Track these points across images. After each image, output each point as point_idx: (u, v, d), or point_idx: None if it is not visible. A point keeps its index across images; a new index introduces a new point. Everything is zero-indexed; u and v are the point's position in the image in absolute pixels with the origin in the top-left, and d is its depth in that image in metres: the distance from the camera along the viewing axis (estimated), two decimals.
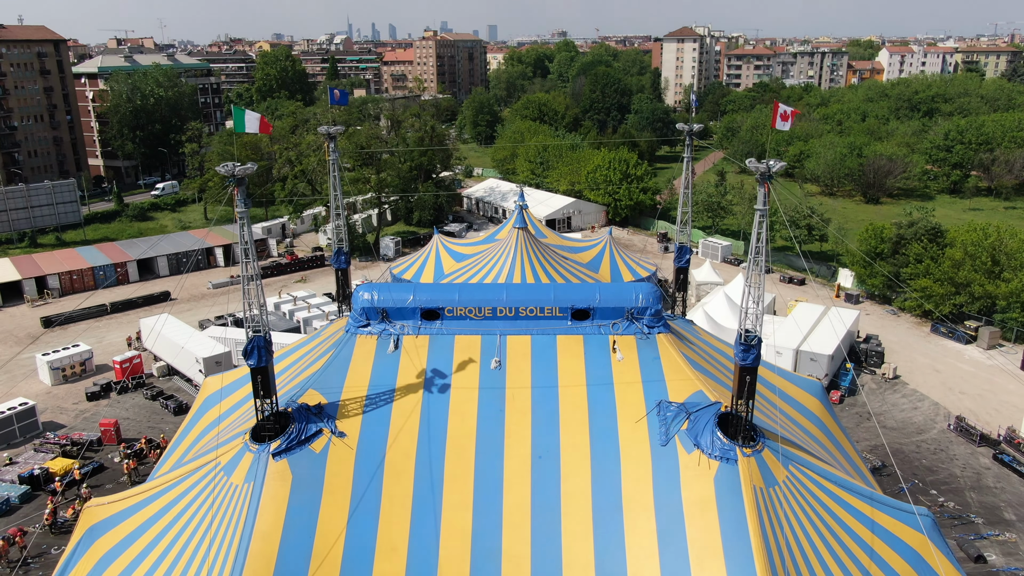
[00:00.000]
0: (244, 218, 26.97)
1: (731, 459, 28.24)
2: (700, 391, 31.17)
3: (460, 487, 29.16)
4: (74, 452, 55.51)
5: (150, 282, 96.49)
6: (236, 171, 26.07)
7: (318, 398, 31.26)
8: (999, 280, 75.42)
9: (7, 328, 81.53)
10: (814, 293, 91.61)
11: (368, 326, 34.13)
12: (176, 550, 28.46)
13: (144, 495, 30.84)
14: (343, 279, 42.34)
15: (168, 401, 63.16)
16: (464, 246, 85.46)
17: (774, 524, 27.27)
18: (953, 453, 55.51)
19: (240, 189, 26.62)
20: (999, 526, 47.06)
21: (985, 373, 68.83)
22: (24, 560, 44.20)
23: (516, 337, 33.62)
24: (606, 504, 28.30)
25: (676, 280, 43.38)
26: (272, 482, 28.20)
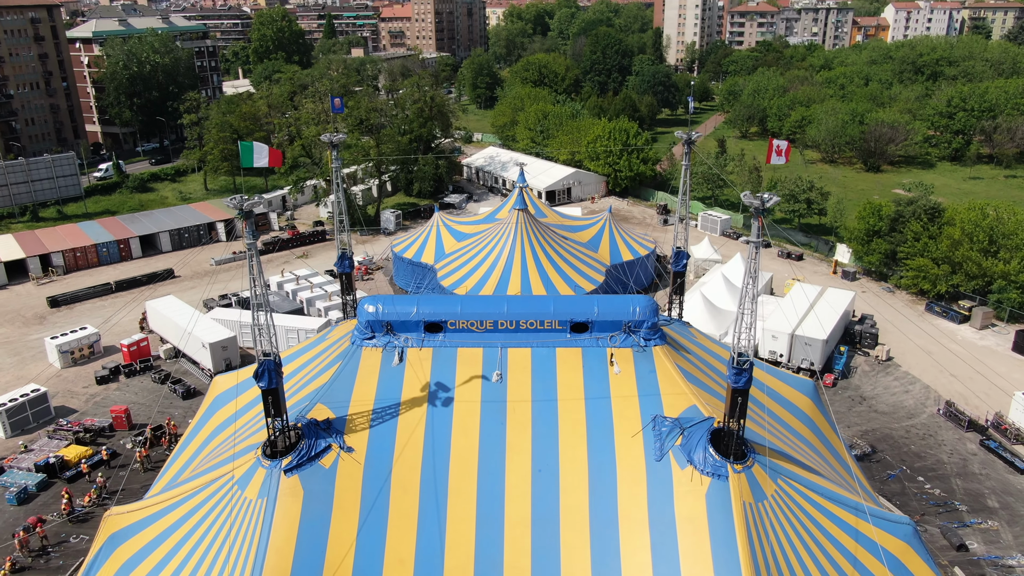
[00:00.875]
0: (253, 250, 27.75)
1: (722, 476, 29.57)
2: (694, 406, 32.37)
3: (464, 500, 30.57)
4: (87, 439, 57.03)
5: (153, 258, 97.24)
6: (244, 205, 26.76)
7: (326, 413, 32.47)
8: (995, 259, 76.24)
9: (14, 308, 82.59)
10: (811, 269, 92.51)
11: (373, 338, 35.19)
12: (195, 561, 29.99)
13: (162, 505, 32.27)
14: (347, 283, 43.17)
15: (176, 386, 64.53)
16: (465, 224, 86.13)
17: (762, 538, 28.72)
18: (941, 439, 57.09)
19: (248, 222, 27.35)
20: (982, 514, 48.80)
21: (976, 355, 70.08)
22: (44, 549, 45.96)
23: (517, 350, 34.72)
24: (603, 518, 29.74)
25: (673, 284, 44.28)
26: (284, 498, 29.58)
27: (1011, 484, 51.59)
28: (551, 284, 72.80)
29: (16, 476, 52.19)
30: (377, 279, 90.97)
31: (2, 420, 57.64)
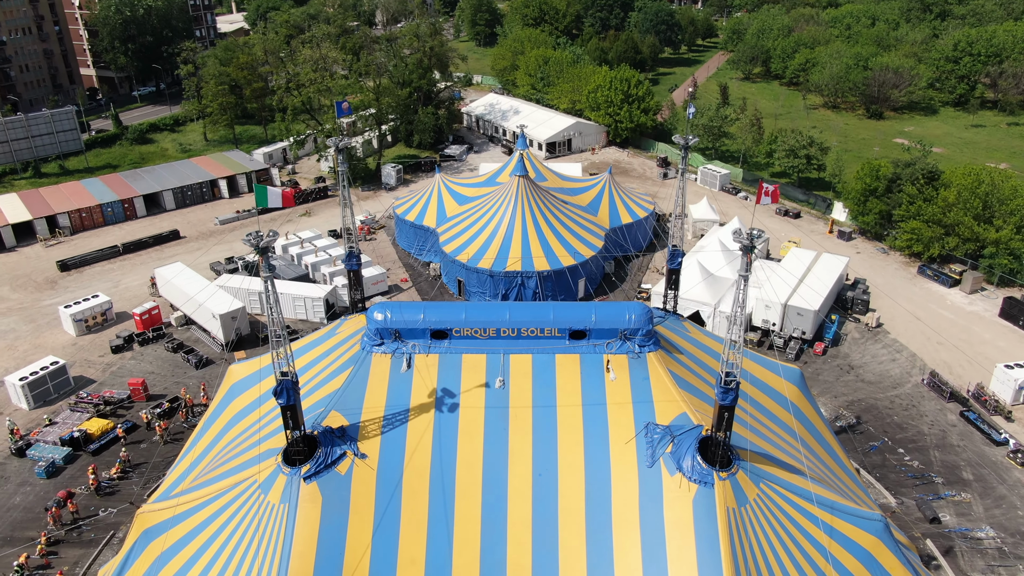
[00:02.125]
0: (270, 281, 29.32)
1: (708, 483, 32.00)
2: (684, 413, 34.57)
3: (470, 503, 33.11)
4: (107, 412, 59.68)
5: (157, 217, 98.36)
6: (261, 243, 28.23)
7: (340, 420, 34.70)
8: (988, 225, 77.52)
9: (25, 272, 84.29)
10: (808, 228, 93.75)
11: (382, 344, 37.11)
12: (224, 558, 32.74)
13: (191, 504, 34.86)
14: (355, 279, 44.78)
15: (189, 356, 66.84)
16: (466, 187, 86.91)
17: (743, 540, 31.35)
18: (923, 409, 59.73)
19: (264, 258, 28.84)
20: (957, 486, 51.77)
21: (964, 321, 72.25)
22: (76, 523, 49.08)
23: (518, 356, 36.71)
24: (598, 521, 32.33)
25: (668, 280, 45.86)
26: (304, 504, 32.07)
27: (986, 456, 54.42)
28: (551, 251, 74.30)
29: (43, 450, 55.01)
30: (380, 239, 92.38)
31: (25, 393, 60.06)
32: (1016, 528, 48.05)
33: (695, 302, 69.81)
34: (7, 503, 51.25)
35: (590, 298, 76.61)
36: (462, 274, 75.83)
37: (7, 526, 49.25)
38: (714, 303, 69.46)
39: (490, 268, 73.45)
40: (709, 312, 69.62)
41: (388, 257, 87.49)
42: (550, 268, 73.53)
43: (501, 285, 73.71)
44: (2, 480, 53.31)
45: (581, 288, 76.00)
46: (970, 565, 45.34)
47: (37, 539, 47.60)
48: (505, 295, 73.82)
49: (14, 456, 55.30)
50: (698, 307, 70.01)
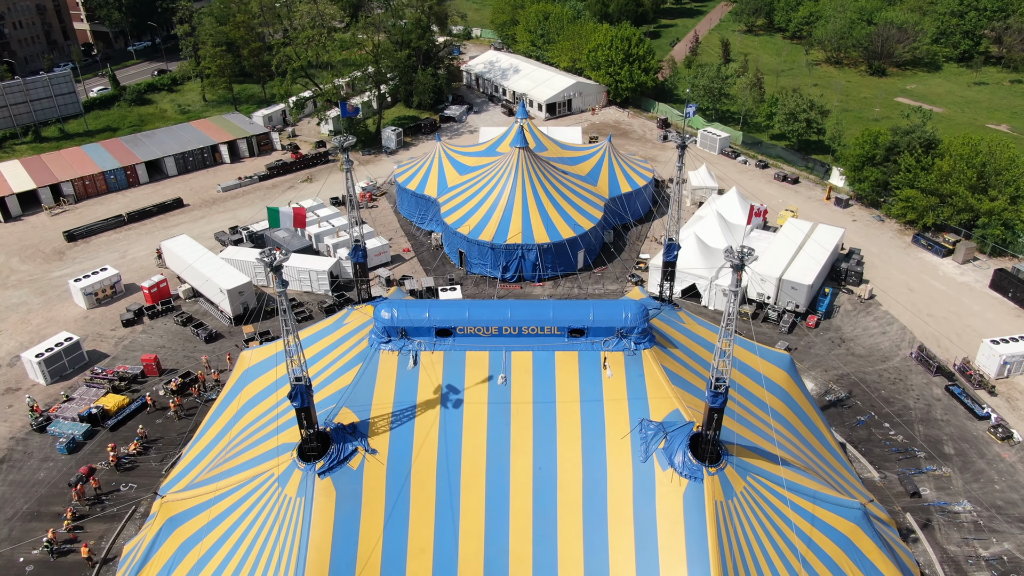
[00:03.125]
0: (283, 296, 30.79)
1: (698, 478, 34.12)
2: (677, 410, 36.49)
3: (474, 495, 35.30)
4: (122, 387, 61.80)
5: (160, 183, 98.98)
6: (275, 261, 29.61)
7: (351, 417, 36.64)
8: (983, 195, 78.45)
9: (32, 242, 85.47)
10: (806, 195, 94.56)
11: (390, 342, 38.80)
12: (245, 546, 35.09)
13: (213, 495, 37.09)
14: (362, 272, 46.19)
15: (199, 329, 68.62)
16: (466, 156, 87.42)
17: (729, 530, 33.62)
18: (911, 383, 61.81)
19: (278, 275, 30.24)
20: (938, 460, 54.16)
21: (955, 292, 73.86)
22: (99, 498, 51.60)
23: (519, 353, 38.44)
24: (594, 512, 34.56)
25: (664, 272, 47.24)
26: (320, 497, 34.25)
27: (968, 431, 56.71)
28: (551, 224, 75.46)
29: (63, 426, 57.26)
30: (381, 207, 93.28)
31: (42, 369, 62.05)
32: (992, 502, 50.56)
33: (692, 275, 71.36)
34: (32, 479, 53.66)
35: (589, 269, 78.05)
36: (463, 246, 77.13)
37: (34, 501, 51.72)
38: (711, 276, 70.91)
39: (491, 241, 74.72)
40: (705, 285, 71.20)
41: (390, 226, 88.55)
42: (550, 241, 74.83)
43: (502, 257, 75.11)
44: (25, 456, 55.64)
45: (580, 259, 77.42)
46: (946, 538, 47.96)
47: (63, 514, 50.13)
48: (506, 267, 75.28)
49: (35, 432, 57.49)
50: (694, 280, 71.62)
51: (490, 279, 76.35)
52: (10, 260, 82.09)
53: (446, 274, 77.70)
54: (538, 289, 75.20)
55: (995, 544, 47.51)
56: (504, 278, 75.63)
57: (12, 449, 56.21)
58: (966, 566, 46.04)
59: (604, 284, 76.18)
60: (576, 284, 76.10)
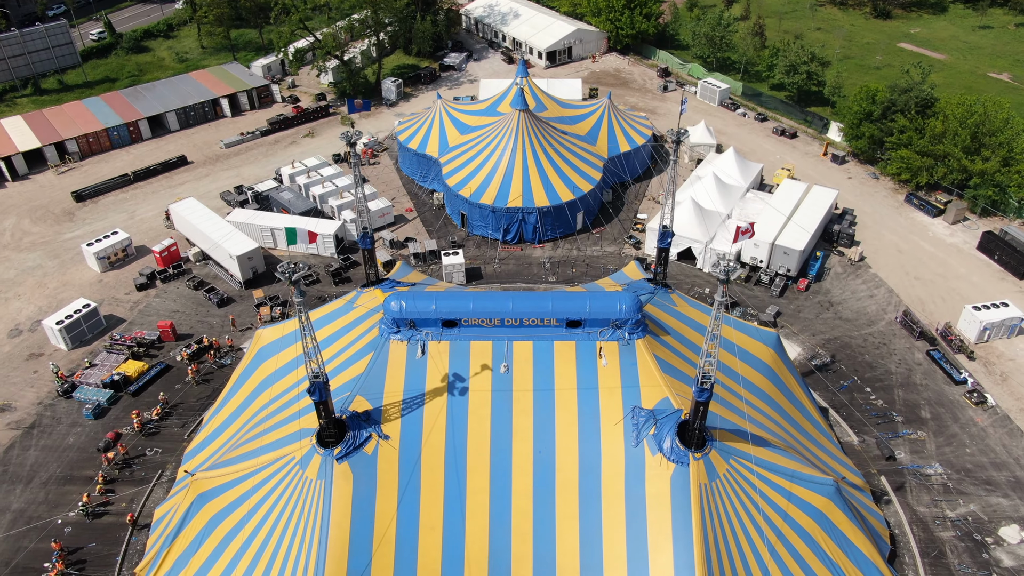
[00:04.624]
0: (302, 308, 33.12)
1: (684, 463, 37.24)
2: (667, 398, 39.35)
3: (479, 476, 38.52)
4: (141, 353, 64.70)
5: (163, 139, 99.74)
6: (293, 276, 31.83)
7: (365, 404, 39.54)
8: (976, 156, 79.67)
9: (41, 203, 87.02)
10: (803, 150, 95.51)
11: (399, 332, 41.37)
12: (271, 522, 38.53)
13: (239, 474, 40.35)
14: (369, 257, 48.28)
15: (210, 294, 71.07)
16: (467, 115, 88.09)
17: (713, 511, 36.96)
18: (893, 348, 64.68)
19: (297, 287, 32.50)
20: (914, 424, 57.50)
21: (943, 254, 76.02)
22: (127, 462, 55.16)
23: (520, 343, 41.06)
24: (589, 493, 37.84)
25: (659, 258, 49.29)
26: (338, 480, 37.46)
27: (945, 395, 59.88)
28: (551, 187, 77.01)
29: (88, 392, 60.40)
30: (383, 163, 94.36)
31: (63, 335, 64.85)
32: (962, 465, 54.12)
33: (687, 239, 73.39)
34: (62, 443, 57.12)
35: (587, 230, 79.95)
36: (465, 208, 78.88)
37: (66, 465, 55.29)
38: (706, 240, 73.00)
39: (492, 204, 76.45)
40: (701, 248, 73.31)
41: (392, 184, 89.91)
42: (550, 204, 76.56)
43: (503, 220, 77.00)
44: (54, 421, 58.97)
45: (579, 221, 79.29)
46: (916, 500, 51.67)
47: (94, 478, 53.78)
48: (507, 229, 77.25)
49: (61, 398, 60.66)
50: (690, 243, 73.69)
51: (491, 241, 78.39)
52: (22, 222, 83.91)
53: (448, 235, 79.64)
54: (538, 251, 77.36)
55: (962, 506, 51.21)
56: (505, 240, 77.68)
57: (41, 415, 59.45)
58: (933, 526, 49.83)
59: (602, 246, 78.28)
60: (575, 246, 78.19)
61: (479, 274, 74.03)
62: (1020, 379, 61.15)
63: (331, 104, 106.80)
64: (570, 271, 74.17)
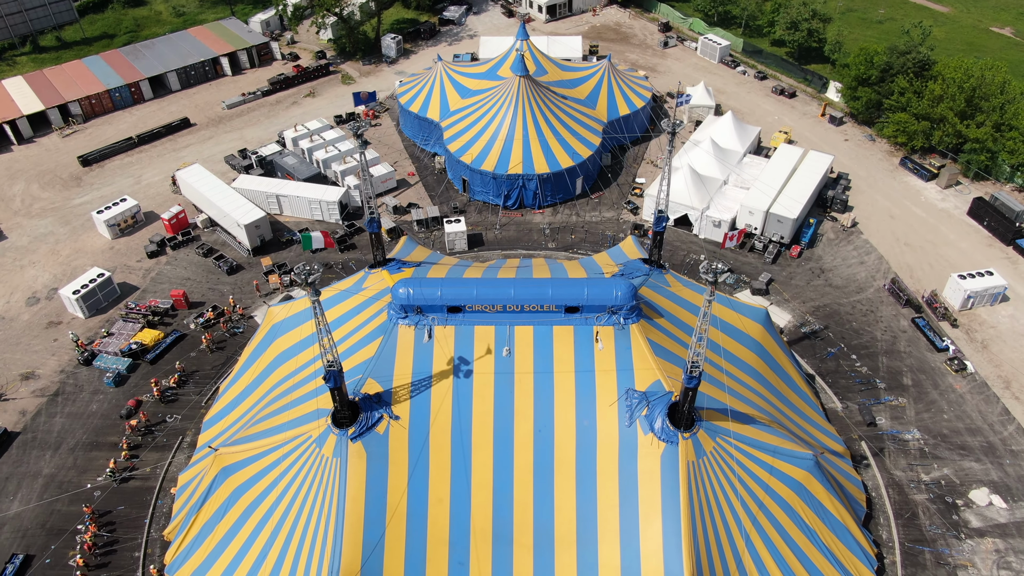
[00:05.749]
0: (317, 304, 35.36)
1: (674, 442, 40.12)
2: (658, 380, 41.98)
3: (483, 453, 41.45)
4: (156, 322, 67.20)
5: (164, 100, 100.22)
6: (310, 279, 33.99)
7: (376, 387, 42.21)
8: (971, 121, 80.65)
9: (48, 167, 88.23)
10: (802, 110, 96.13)
11: (407, 317, 43.76)
12: (290, 494, 41.66)
13: (260, 450, 43.30)
14: (377, 241, 50.26)
15: (219, 261, 73.14)
16: (468, 77, 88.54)
17: (700, 486, 40.01)
18: (880, 315, 67.13)
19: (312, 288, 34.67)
20: (896, 391, 60.39)
21: (934, 220, 77.82)
22: (149, 429, 58.27)
23: (521, 327, 43.47)
24: (585, 469, 40.83)
25: (654, 241, 51.17)
26: (353, 458, 40.39)
27: (927, 362, 62.63)
28: (551, 153, 78.29)
29: (108, 361, 63.16)
30: (385, 125, 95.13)
31: (80, 304, 67.25)
32: (939, 431, 57.22)
33: (684, 205, 75.10)
34: (86, 411, 60.11)
35: (586, 195, 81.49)
36: (467, 174, 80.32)
37: (91, 432, 58.38)
38: (702, 207, 74.72)
39: (493, 171, 77.87)
40: (697, 216, 75.08)
41: (394, 147, 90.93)
42: (549, 171, 77.97)
43: (504, 186, 78.54)
44: (77, 389, 61.86)
45: (579, 186, 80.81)
46: (894, 464, 54.93)
47: (118, 444, 56.95)
48: (508, 195, 78.87)
49: (83, 366, 63.42)
50: (686, 211, 75.43)
51: (492, 207, 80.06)
52: (30, 187, 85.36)
53: (450, 201, 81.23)
54: (538, 217, 79.12)
55: (936, 470, 54.48)
56: (506, 206, 79.37)
57: (64, 383, 62.30)
58: (908, 489, 53.19)
59: (601, 211, 80.00)
60: (574, 211, 79.92)
61: (480, 240, 75.98)
62: (1000, 347, 63.82)
63: (331, 62, 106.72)
64: (569, 237, 76.07)
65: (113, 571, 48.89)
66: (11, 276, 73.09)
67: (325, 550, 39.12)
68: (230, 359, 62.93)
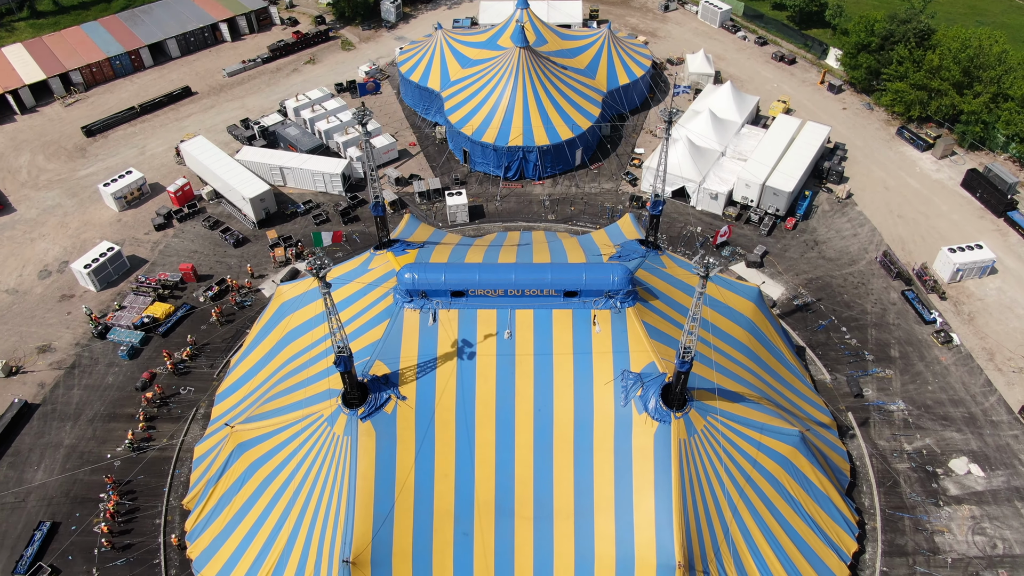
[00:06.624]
0: (328, 298, 37.11)
1: (666, 421, 42.35)
2: (653, 362, 44.01)
3: (486, 431, 43.74)
4: (166, 295, 69.00)
5: (164, 67, 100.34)
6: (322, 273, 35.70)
7: (384, 368, 44.26)
8: (967, 92, 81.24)
9: (52, 138, 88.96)
10: (801, 77, 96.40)
11: (412, 301, 45.60)
12: (304, 470, 44.07)
13: (274, 427, 45.58)
14: (381, 224, 51.72)
15: (226, 234, 74.61)
16: (468, 47, 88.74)
17: (690, 462, 42.37)
18: (871, 287, 68.91)
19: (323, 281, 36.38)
20: (883, 363, 62.55)
21: (928, 191, 79.03)
22: (164, 401, 60.59)
23: (522, 311, 45.33)
24: (583, 446, 43.15)
25: (650, 225, 52.58)
26: (363, 437, 42.67)
27: (914, 335, 64.67)
28: (551, 125, 79.14)
29: (122, 334, 65.18)
30: (386, 93, 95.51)
31: (91, 278, 68.99)
32: (923, 402, 59.54)
33: (681, 178, 76.25)
34: (102, 383, 62.33)
35: (585, 167, 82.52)
36: (467, 145, 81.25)
37: (108, 404, 60.66)
38: (699, 180, 75.89)
39: (493, 143, 78.80)
40: (694, 188, 76.29)
41: (395, 116, 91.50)
42: (549, 143, 78.89)
43: (504, 158, 79.57)
44: (92, 362, 63.99)
45: (578, 157, 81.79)
46: (878, 434, 57.37)
47: (135, 415, 59.31)
48: (508, 167, 79.95)
49: (97, 339, 65.45)
50: (684, 183, 76.60)
51: (493, 178, 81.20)
52: (36, 158, 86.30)
53: (451, 172, 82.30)
54: (538, 188, 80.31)
55: (918, 440, 56.95)
56: (506, 177, 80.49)
57: (79, 355, 64.39)
58: (891, 458, 55.72)
59: (600, 182, 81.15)
60: (574, 182, 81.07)
61: (482, 212, 77.34)
62: (985, 319, 65.80)
63: (330, 27, 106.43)
64: (569, 209, 77.40)
65: (136, 538, 51.64)
66: (22, 249, 74.64)
67: (338, 521, 41.65)
68: (240, 332, 64.96)
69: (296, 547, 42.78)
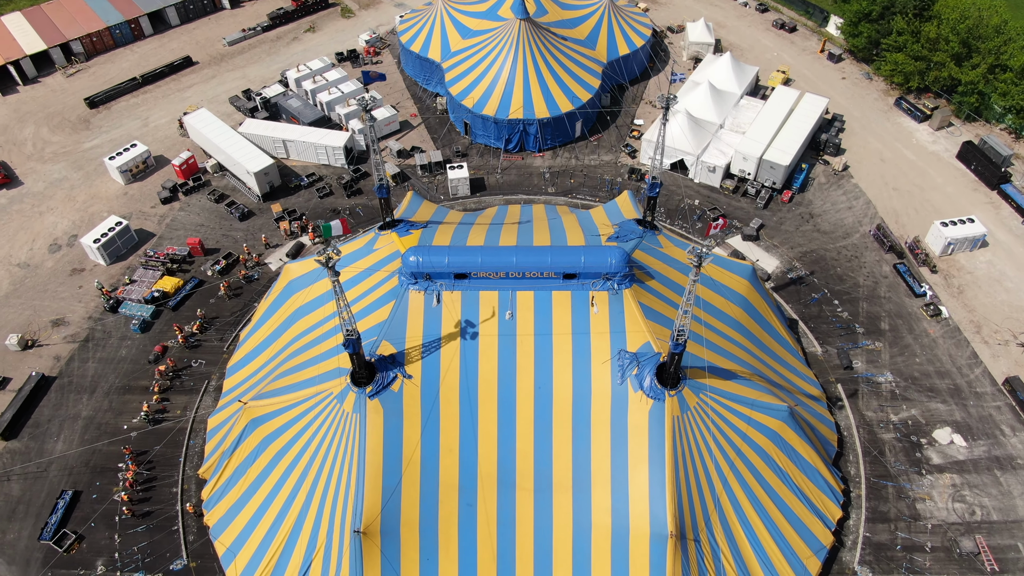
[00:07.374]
0: (337, 284, 38.72)
1: (660, 399, 44.35)
2: (648, 342, 45.84)
3: (488, 408, 45.78)
4: (175, 269, 70.57)
5: (164, 36, 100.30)
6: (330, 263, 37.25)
7: (390, 348, 46.11)
8: (965, 63, 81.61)
9: (56, 109, 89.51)
10: (801, 46, 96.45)
11: (416, 283, 47.24)
12: (315, 445, 46.25)
13: (285, 404, 47.62)
14: (385, 206, 53.02)
15: (231, 208, 75.86)
16: (469, 16, 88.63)
17: (683, 438, 44.50)
18: (864, 260, 70.41)
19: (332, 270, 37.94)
20: (873, 335, 64.41)
21: (923, 163, 79.98)
22: (177, 374, 62.64)
23: (523, 292, 47.02)
24: (581, 422, 45.22)
25: (647, 205, 53.79)
26: (371, 414, 44.72)
27: (904, 307, 66.40)
28: (551, 97, 79.76)
29: (133, 308, 66.94)
30: (386, 62, 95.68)
31: (101, 252, 70.50)
32: (910, 374, 61.57)
33: (680, 151, 77.19)
34: (116, 356, 64.30)
35: (585, 138, 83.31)
36: (468, 118, 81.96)
37: (122, 376, 62.70)
38: (697, 153, 76.85)
39: (494, 115, 79.52)
40: (693, 160, 77.28)
41: (396, 86, 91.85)
42: (550, 115, 79.60)
43: (505, 130, 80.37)
44: (105, 335, 65.86)
45: (578, 129, 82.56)
46: (866, 405, 59.52)
47: (149, 387, 61.39)
48: (509, 139, 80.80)
49: (109, 313, 67.22)
50: (682, 156, 77.57)
51: (494, 150, 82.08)
52: (40, 130, 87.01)
53: (453, 144, 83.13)
54: (538, 160, 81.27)
55: (904, 410, 59.11)
56: (507, 149, 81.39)
57: (93, 329, 66.24)
58: (877, 429, 57.96)
59: (599, 155, 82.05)
60: (573, 154, 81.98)
61: (483, 185, 78.44)
62: (975, 292, 67.48)
63: None
64: (568, 182, 78.50)
65: (154, 505, 54.10)
66: (31, 223, 75.98)
67: (349, 494, 43.95)
68: (248, 306, 66.70)
69: (308, 518, 45.19)
